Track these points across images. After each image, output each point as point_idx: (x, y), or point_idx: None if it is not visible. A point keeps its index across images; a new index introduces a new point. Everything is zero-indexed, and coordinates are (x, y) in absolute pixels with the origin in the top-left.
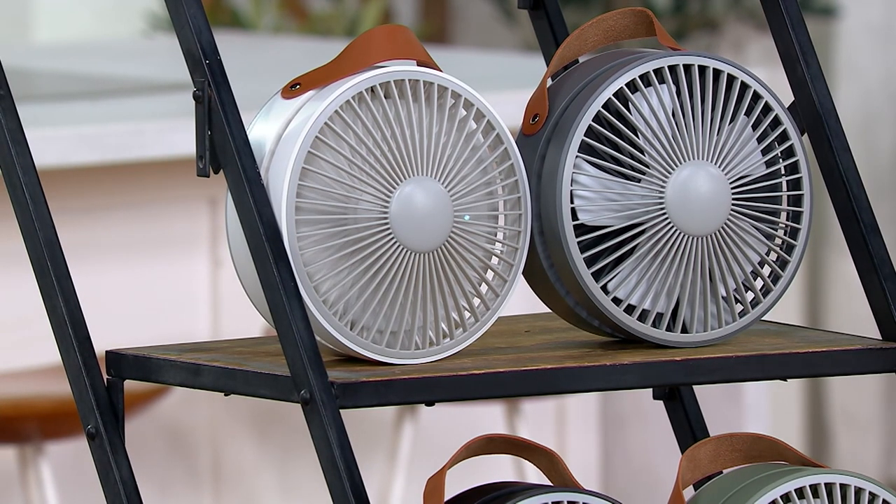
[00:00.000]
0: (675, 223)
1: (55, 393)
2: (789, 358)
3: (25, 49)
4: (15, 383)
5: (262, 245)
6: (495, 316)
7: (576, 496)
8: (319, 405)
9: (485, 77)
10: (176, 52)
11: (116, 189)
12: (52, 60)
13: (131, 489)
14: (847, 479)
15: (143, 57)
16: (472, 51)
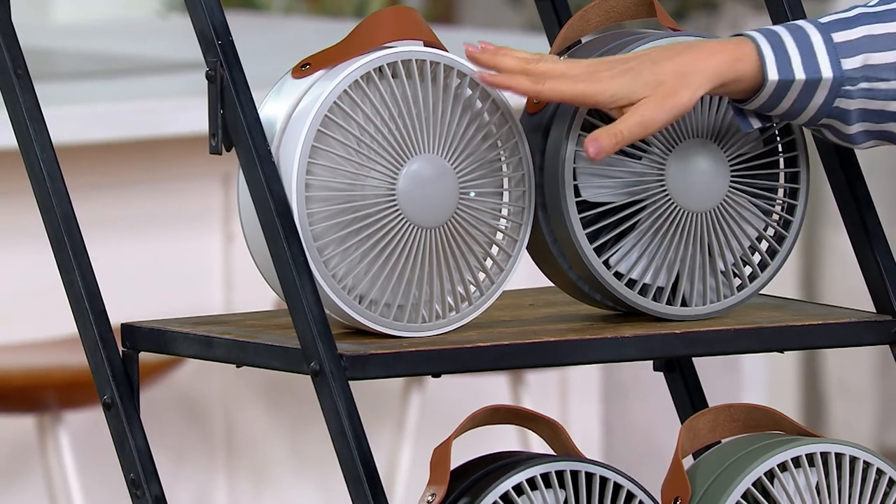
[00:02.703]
0: (675, 199)
1: (73, 363)
2: (786, 330)
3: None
4: (34, 354)
5: (272, 221)
6: (500, 290)
7: (578, 465)
8: (329, 377)
9: None
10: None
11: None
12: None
13: (146, 457)
14: (842, 448)
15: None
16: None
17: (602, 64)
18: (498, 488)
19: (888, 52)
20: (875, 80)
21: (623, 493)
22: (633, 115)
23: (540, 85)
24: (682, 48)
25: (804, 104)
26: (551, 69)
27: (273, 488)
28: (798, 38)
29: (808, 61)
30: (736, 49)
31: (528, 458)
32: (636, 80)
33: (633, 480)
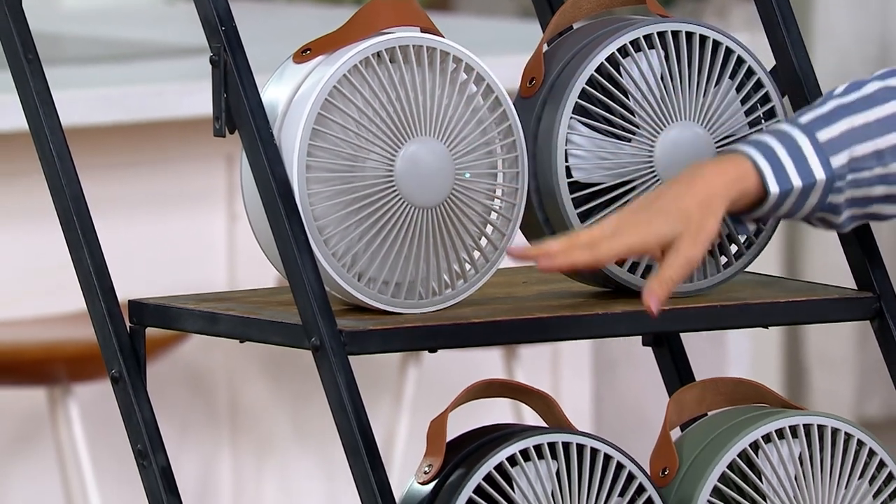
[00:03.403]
0: (663, 180)
1: (82, 338)
2: (770, 307)
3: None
4: (45, 328)
5: (274, 201)
6: (494, 268)
7: (570, 437)
8: (329, 351)
9: (484, 42)
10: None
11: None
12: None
13: (152, 429)
14: (824, 420)
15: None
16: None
17: (632, 215)
18: (492, 459)
19: (869, 141)
20: (859, 170)
21: (613, 464)
22: (677, 258)
23: (597, 251)
24: (689, 177)
25: (801, 206)
26: (594, 235)
27: (275, 459)
28: (788, 145)
29: (802, 168)
30: (735, 168)
31: (521, 430)
32: (670, 220)
33: (623, 451)
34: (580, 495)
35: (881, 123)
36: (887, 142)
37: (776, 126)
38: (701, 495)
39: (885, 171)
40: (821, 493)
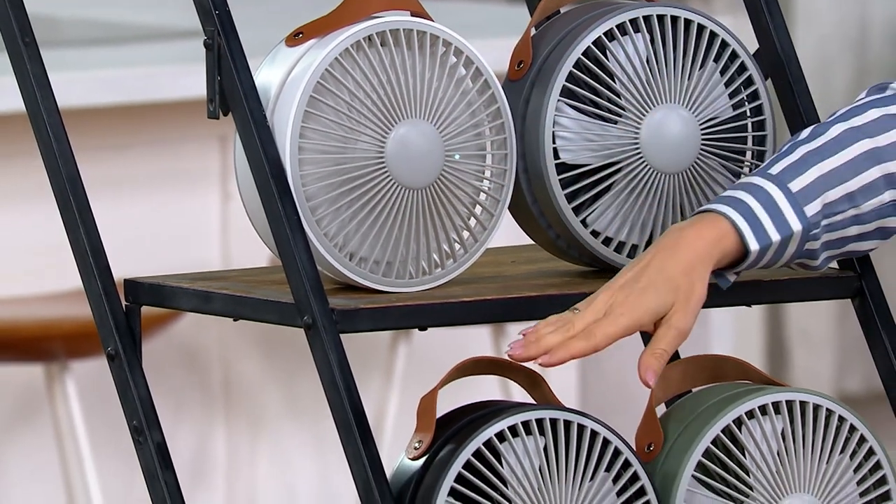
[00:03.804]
0: (648, 162)
1: (79, 315)
2: (754, 286)
3: None
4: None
5: (267, 182)
6: (483, 248)
7: (557, 413)
8: (321, 330)
9: (474, 26)
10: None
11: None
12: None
13: (148, 406)
14: (806, 396)
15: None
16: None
17: (621, 291)
18: (481, 435)
19: (840, 186)
20: (833, 214)
21: (599, 440)
22: (669, 329)
23: (594, 339)
24: (671, 245)
25: (780, 256)
26: (587, 320)
27: (268, 435)
28: (762, 200)
29: (778, 221)
30: (714, 230)
31: (509, 406)
32: (659, 293)
33: (609, 427)
34: (567, 470)
35: (849, 166)
36: (857, 183)
37: (748, 179)
38: (686, 470)
39: (857, 212)
40: (803, 468)
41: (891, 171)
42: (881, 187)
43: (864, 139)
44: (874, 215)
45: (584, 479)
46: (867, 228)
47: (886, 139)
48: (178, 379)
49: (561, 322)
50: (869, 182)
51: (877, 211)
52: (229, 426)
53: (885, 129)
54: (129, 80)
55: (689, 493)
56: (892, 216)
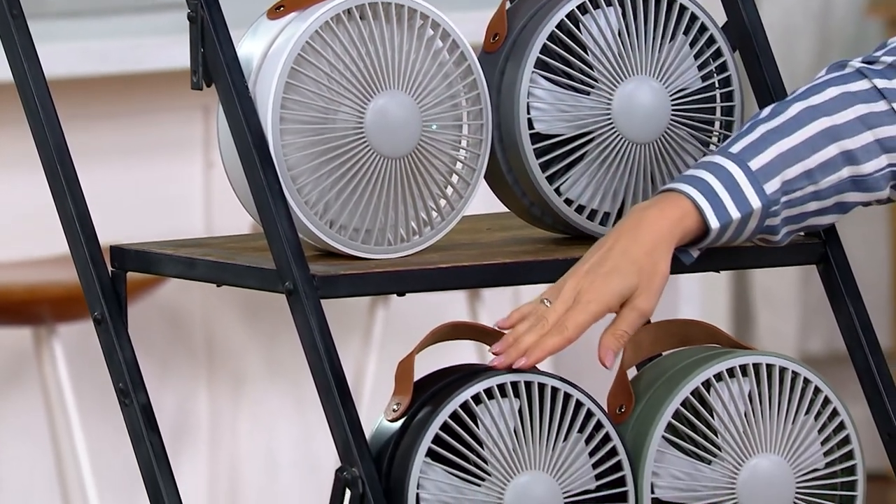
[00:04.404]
0: (620, 132)
1: (66, 280)
2: (722, 253)
3: None
4: (31, 271)
5: (250, 152)
6: (460, 215)
7: (531, 376)
8: (302, 295)
9: None
10: None
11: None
12: None
13: (133, 368)
14: (772, 359)
15: None
16: None
17: (587, 277)
18: (458, 398)
19: (798, 163)
20: (792, 191)
21: (572, 402)
22: (632, 311)
23: (567, 332)
24: (634, 226)
25: (741, 233)
26: (558, 312)
27: (250, 396)
28: (723, 178)
29: (738, 199)
30: (675, 209)
31: (485, 370)
32: (624, 276)
33: (582, 390)
34: (541, 431)
35: (807, 144)
36: (815, 161)
37: (709, 158)
38: (656, 431)
39: (816, 188)
40: (769, 429)
41: (848, 148)
42: (839, 164)
43: (822, 117)
44: (832, 191)
45: (557, 440)
46: (826, 204)
47: (844, 117)
48: (162, 342)
49: (534, 319)
50: (827, 159)
51: (835, 187)
52: (212, 388)
53: (843, 107)
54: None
55: (660, 453)
56: (850, 191)
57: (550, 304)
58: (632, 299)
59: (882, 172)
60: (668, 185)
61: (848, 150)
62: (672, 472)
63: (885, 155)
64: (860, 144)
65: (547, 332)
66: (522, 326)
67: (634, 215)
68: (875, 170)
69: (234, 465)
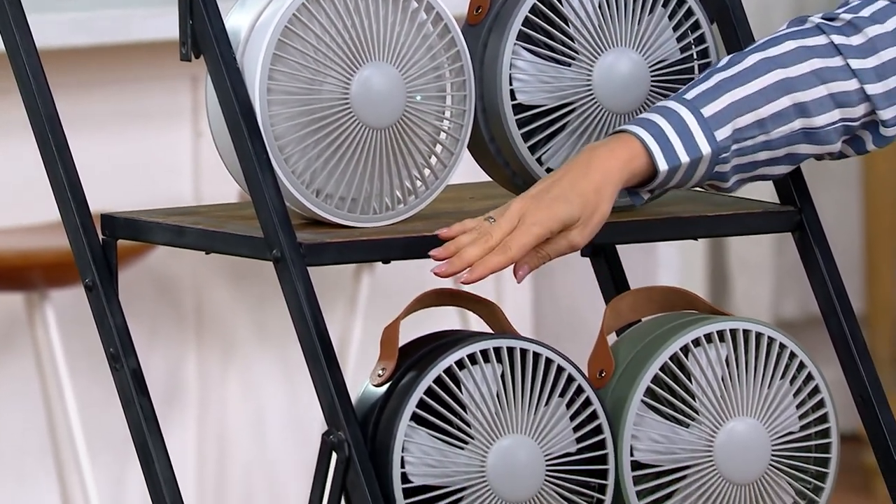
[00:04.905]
0: (601, 102)
1: (58, 246)
2: (699, 220)
3: None
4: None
5: (238, 122)
6: (443, 185)
7: (513, 342)
8: (289, 263)
9: None
10: None
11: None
12: None
13: (124, 333)
14: (749, 325)
15: None
16: None
17: (533, 201)
18: (442, 363)
19: (750, 112)
20: (743, 139)
21: (554, 367)
22: (564, 240)
23: (510, 252)
24: (585, 163)
25: (690, 177)
26: (503, 230)
27: (238, 361)
28: (674, 122)
29: (689, 143)
30: (626, 150)
31: (468, 336)
32: (569, 205)
33: (563, 355)
34: (523, 396)
35: (761, 94)
36: (768, 110)
37: (664, 103)
38: (635, 395)
39: (767, 138)
40: (746, 393)
41: (801, 100)
42: (791, 115)
43: (778, 69)
44: (784, 142)
45: (539, 404)
46: (777, 154)
47: (799, 70)
48: (152, 308)
49: (478, 233)
50: (779, 110)
51: (786, 138)
52: (201, 353)
53: (799, 60)
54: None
55: (639, 416)
56: (801, 143)
57: (494, 221)
58: (568, 230)
59: (834, 126)
60: (620, 127)
61: (801, 102)
62: (651, 435)
63: (837, 109)
64: (813, 97)
65: (491, 249)
66: (465, 238)
67: (586, 153)
68: (827, 123)
69: (222, 427)
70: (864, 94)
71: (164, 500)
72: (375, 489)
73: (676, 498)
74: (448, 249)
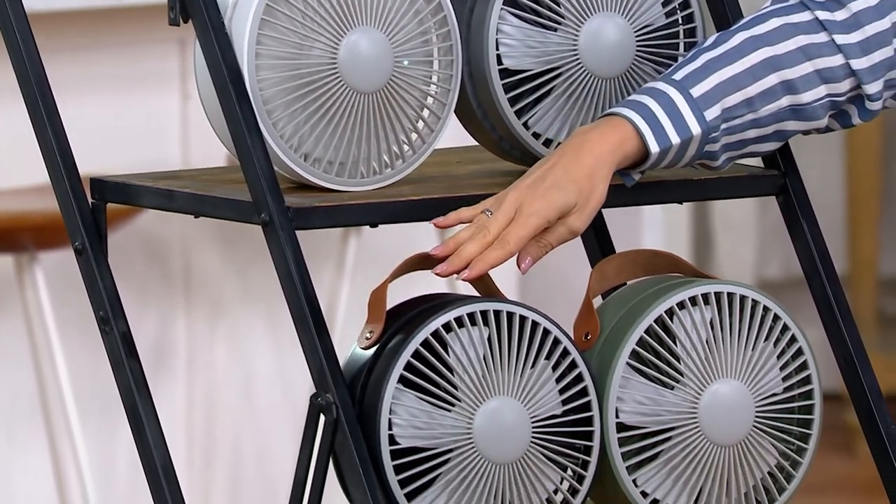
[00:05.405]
0: (587, 67)
1: (47, 208)
2: (685, 184)
3: None
4: (12, 199)
5: (226, 86)
6: (430, 149)
7: (500, 305)
8: (277, 227)
9: None
10: None
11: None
12: None
13: (113, 296)
14: (733, 288)
15: None
16: None
17: (528, 191)
18: (429, 326)
19: (738, 91)
20: (732, 118)
21: (540, 330)
22: (563, 227)
23: (509, 246)
24: (576, 147)
25: (681, 157)
26: (500, 223)
27: (227, 323)
28: (664, 103)
29: (679, 124)
30: (616, 133)
31: (455, 299)
32: (564, 192)
33: (549, 318)
34: (510, 358)
35: (748, 73)
36: (756, 89)
37: (653, 84)
38: (620, 358)
39: (755, 116)
40: (730, 355)
41: (788, 77)
42: (779, 93)
43: (764, 47)
44: (772, 119)
45: (525, 367)
46: (765, 131)
47: (785, 47)
48: (141, 270)
49: (476, 228)
50: (767, 88)
51: (774, 115)
52: (190, 315)
53: (785, 37)
54: None
55: (624, 379)
56: (789, 120)
57: (491, 214)
58: (566, 216)
59: (820, 102)
60: (611, 110)
61: (788, 79)
62: (636, 397)
63: (823, 85)
64: (800, 74)
65: (489, 244)
66: (464, 234)
67: (577, 137)
68: (813, 99)
69: (211, 389)
70: (850, 69)
71: (154, 461)
72: (363, 451)
73: (661, 459)
74: (448, 247)
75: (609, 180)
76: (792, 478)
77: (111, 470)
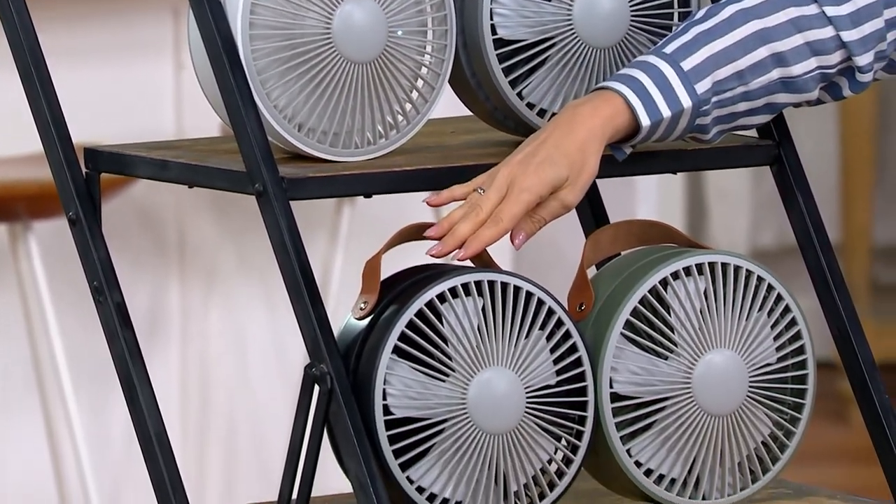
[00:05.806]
0: (581, 37)
1: (41, 178)
2: (679, 154)
3: None
4: (6, 168)
5: (220, 56)
6: (425, 119)
7: (494, 275)
8: (271, 197)
9: None
10: None
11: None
12: None
13: (108, 268)
14: (727, 258)
15: None
16: None
17: (520, 166)
18: (424, 296)
19: (729, 64)
20: (722, 91)
21: (534, 300)
22: (556, 201)
23: (502, 224)
24: (568, 122)
25: (672, 131)
26: (492, 201)
27: (221, 293)
28: (654, 77)
29: (670, 97)
30: (608, 106)
31: (450, 269)
32: (556, 167)
33: (543, 288)
34: (504, 329)
35: (739, 45)
36: (746, 62)
37: (643, 58)
38: (614, 328)
39: (746, 89)
40: (724, 325)
41: (778, 50)
42: (769, 65)
43: (754, 20)
44: (762, 92)
45: (519, 337)
46: (756, 104)
47: (775, 20)
48: (135, 240)
49: (469, 206)
50: (757, 61)
51: (765, 88)
52: (184, 285)
53: (775, 10)
54: None
55: (618, 349)
56: (779, 92)
57: (484, 191)
58: (559, 191)
59: (811, 74)
60: (602, 84)
61: (778, 52)
62: (630, 367)
63: (814, 57)
64: (790, 47)
65: (482, 223)
66: (457, 214)
67: (568, 111)
68: (804, 72)
69: (205, 359)
70: (840, 41)
71: (149, 431)
72: (357, 421)
73: (655, 429)
74: (442, 227)
75: (600, 154)
76: (786, 447)
77: (106, 439)
